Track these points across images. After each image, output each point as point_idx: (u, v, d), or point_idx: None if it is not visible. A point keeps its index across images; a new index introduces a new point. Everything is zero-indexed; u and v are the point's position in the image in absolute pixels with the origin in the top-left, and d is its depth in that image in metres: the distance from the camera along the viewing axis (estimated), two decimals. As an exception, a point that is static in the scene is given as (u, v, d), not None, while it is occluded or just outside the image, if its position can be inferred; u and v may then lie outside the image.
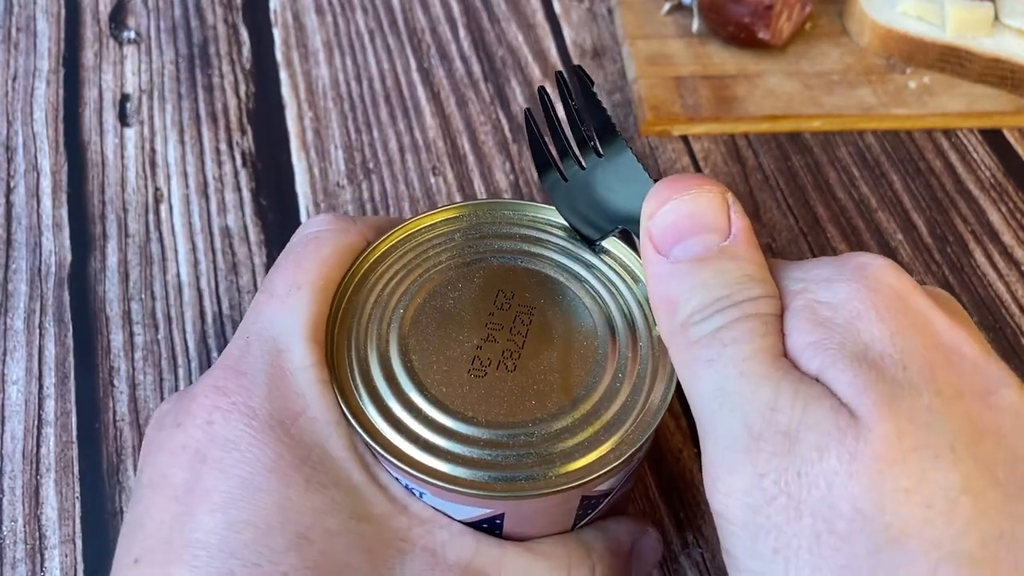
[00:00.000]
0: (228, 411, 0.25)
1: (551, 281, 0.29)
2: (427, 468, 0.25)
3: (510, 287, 0.29)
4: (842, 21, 0.53)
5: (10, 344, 0.39)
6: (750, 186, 0.46)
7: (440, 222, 0.30)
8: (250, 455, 0.25)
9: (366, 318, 0.28)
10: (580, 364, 0.27)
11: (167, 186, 0.45)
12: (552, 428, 0.26)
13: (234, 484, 0.24)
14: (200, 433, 0.25)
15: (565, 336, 0.27)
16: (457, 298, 0.28)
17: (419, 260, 0.29)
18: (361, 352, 0.27)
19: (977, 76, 0.50)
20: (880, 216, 0.46)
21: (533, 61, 0.51)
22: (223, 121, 0.47)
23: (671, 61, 0.50)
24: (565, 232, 0.30)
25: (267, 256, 0.43)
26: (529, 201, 0.31)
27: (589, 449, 0.25)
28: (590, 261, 0.29)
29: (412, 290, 0.28)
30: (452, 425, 0.26)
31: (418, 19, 0.53)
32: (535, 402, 0.26)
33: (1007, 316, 0.42)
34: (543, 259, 0.29)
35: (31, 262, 0.41)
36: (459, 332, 0.27)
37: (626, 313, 0.28)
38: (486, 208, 0.31)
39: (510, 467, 0.25)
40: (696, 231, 0.25)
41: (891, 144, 0.49)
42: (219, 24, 0.51)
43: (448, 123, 0.48)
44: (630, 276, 0.29)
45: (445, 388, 0.26)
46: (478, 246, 0.30)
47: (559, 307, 0.28)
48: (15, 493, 0.35)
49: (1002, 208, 0.46)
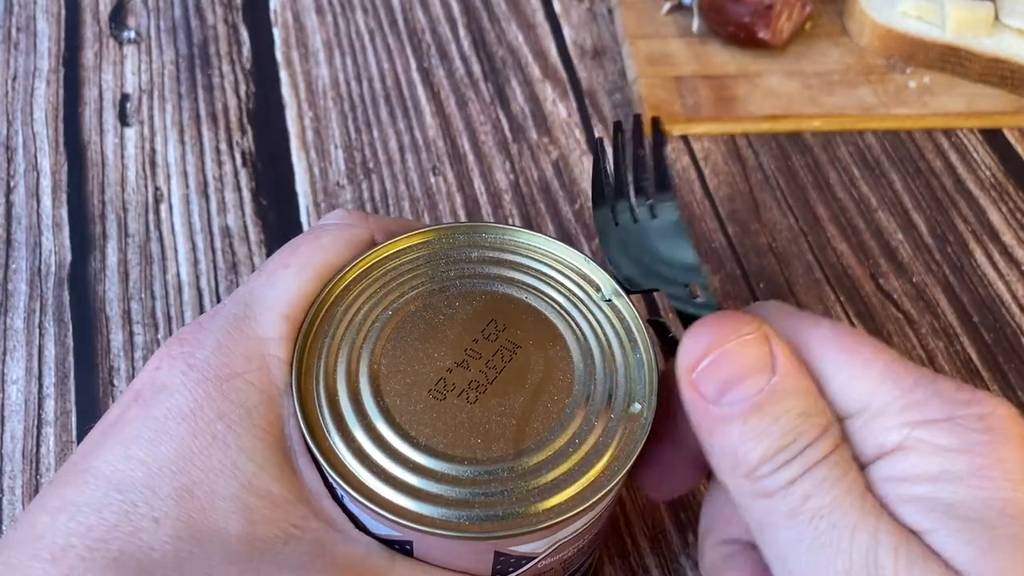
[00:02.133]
0: (174, 359, 0.26)
1: (547, 324, 0.27)
2: (349, 476, 0.24)
3: (504, 319, 0.27)
4: (842, 21, 0.53)
5: (10, 344, 0.39)
6: (750, 186, 0.46)
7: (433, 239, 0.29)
8: (173, 401, 0.25)
9: (347, 321, 0.27)
10: (542, 417, 0.25)
11: (167, 186, 0.45)
12: (486, 473, 0.24)
13: (147, 424, 0.25)
14: (146, 376, 0.26)
15: (539, 384, 0.26)
16: (449, 315, 0.27)
17: (419, 270, 0.28)
18: (333, 349, 0.26)
19: (977, 76, 0.50)
20: (880, 216, 0.46)
21: (533, 61, 0.51)
22: (223, 121, 0.47)
23: (671, 61, 0.50)
24: (580, 276, 0.29)
25: (267, 256, 0.42)
26: (554, 239, 0.29)
27: (511, 506, 0.24)
28: (594, 313, 0.28)
29: (405, 298, 0.28)
30: (391, 439, 0.25)
31: (418, 19, 0.53)
32: (480, 441, 0.25)
33: (1007, 316, 0.42)
34: (548, 299, 0.28)
35: (31, 262, 0.41)
36: (437, 349, 0.27)
37: (610, 379, 0.26)
38: (499, 231, 0.29)
39: (429, 499, 0.24)
40: (743, 378, 0.23)
41: (891, 144, 0.49)
42: (219, 24, 0.51)
43: (448, 123, 0.48)
44: (629, 340, 0.27)
45: (399, 400, 0.25)
46: (487, 269, 0.29)
47: (544, 353, 0.27)
48: (15, 493, 0.35)
49: (1002, 208, 0.46)
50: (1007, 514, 0.21)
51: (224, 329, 0.26)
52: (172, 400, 0.25)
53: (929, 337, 0.42)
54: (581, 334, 0.27)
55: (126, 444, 0.24)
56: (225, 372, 0.25)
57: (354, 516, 0.26)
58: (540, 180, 0.46)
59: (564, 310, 0.28)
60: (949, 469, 0.22)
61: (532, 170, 0.46)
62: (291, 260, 0.28)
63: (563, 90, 0.50)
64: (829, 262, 0.44)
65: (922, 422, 0.22)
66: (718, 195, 0.46)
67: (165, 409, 0.25)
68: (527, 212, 0.45)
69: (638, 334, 0.27)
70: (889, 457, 0.23)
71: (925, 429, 0.22)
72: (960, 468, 0.22)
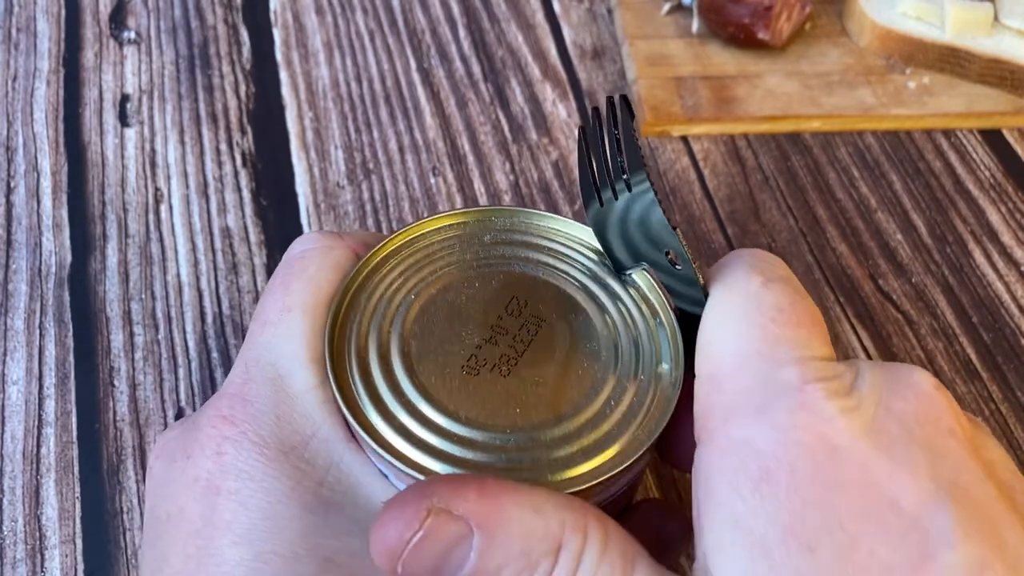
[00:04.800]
0: (238, 440, 0.25)
1: (568, 298, 0.28)
2: (398, 454, 0.25)
3: (525, 295, 0.28)
4: (842, 21, 0.53)
5: (10, 344, 0.39)
6: (750, 186, 0.46)
7: (450, 224, 0.30)
8: (266, 484, 0.25)
9: (372, 307, 0.28)
10: (575, 384, 0.26)
11: (167, 186, 0.45)
12: (529, 440, 0.25)
13: (255, 515, 0.24)
14: (211, 464, 0.25)
15: (568, 353, 0.27)
16: (471, 295, 0.28)
17: (436, 256, 0.29)
18: (362, 337, 0.27)
19: (977, 76, 0.50)
20: (880, 216, 0.46)
21: (533, 61, 0.51)
22: (223, 121, 0.47)
23: (671, 61, 0.50)
24: (595, 253, 0.29)
25: (267, 256, 0.43)
26: (567, 219, 0.30)
27: (558, 469, 0.25)
28: (612, 287, 0.29)
29: (426, 282, 0.28)
30: (434, 417, 0.25)
31: (418, 19, 0.53)
32: (519, 410, 0.26)
33: (1007, 316, 0.42)
34: (566, 275, 0.29)
35: (31, 262, 0.42)
36: (464, 328, 0.27)
37: (635, 342, 0.27)
38: (509, 214, 0.30)
39: (477, 468, 0.25)
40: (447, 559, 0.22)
41: (891, 144, 0.49)
42: (219, 24, 0.51)
43: (448, 123, 0.48)
44: (649, 309, 0.28)
45: (435, 379, 0.26)
46: (502, 251, 0.29)
47: (569, 324, 0.28)
48: (15, 493, 0.36)
49: (1001, 208, 0.46)
50: None
51: (271, 398, 0.26)
52: (266, 484, 0.25)
53: (928, 338, 0.42)
54: (602, 304, 0.28)
55: (247, 541, 0.24)
56: (298, 440, 0.25)
57: None
58: (540, 180, 0.46)
59: (582, 284, 0.29)
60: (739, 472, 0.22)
61: (532, 171, 0.46)
62: (289, 301, 0.27)
63: (563, 90, 0.50)
64: (828, 263, 0.44)
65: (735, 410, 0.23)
66: (717, 196, 0.46)
67: (264, 495, 0.24)
68: (527, 212, 0.45)
69: (658, 303, 0.28)
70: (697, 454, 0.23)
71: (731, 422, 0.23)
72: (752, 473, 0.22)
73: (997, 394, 0.40)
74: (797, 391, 0.22)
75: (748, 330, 0.24)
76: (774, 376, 0.23)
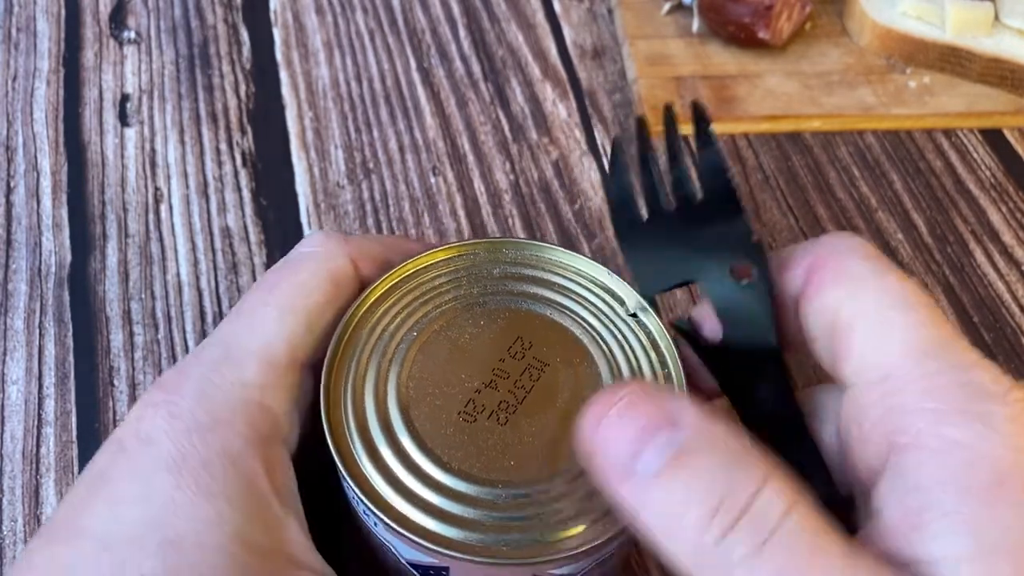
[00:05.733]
0: (156, 407, 0.26)
1: (574, 341, 0.27)
2: (383, 503, 0.24)
3: (530, 336, 0.27)
4: (842, 21, 0.53)
5: (10, 344, 0.39)
6: (750, 186, 0.46)
7: (457, 256, 0.29)
8: (157, 452, 0.25)
9: (372, 343, 0.27)
10: (574, 436, 0.25)
11: (167, 186, 0.45)
12: (522, 496, 0.24)
13: (134, 478, 0.25)
14: (129, 427, 0.26)
15: (569, 402, 0.26)
16: (474, 335, 0.27)
17: (442, 289, 0.28)
18: (359, 377, 0.26)
19: (977, 76, 0.50)
20: (880, 216, 0.46)
21: (533, 61, 0.51)
22: (223, 121, 0.47)
23: (671, 61, 0.50)
24: (606, 292, 0.28)
25: (267, 256, 0.43)
26: (576, 253, 0.29)
27: (549, 530, 0.24)
28: (621, 331, 0.28)
29: (430, 317, 0.27)
30: (424, 465, 0.25)
31: (418, 19, 0.53)
32: (513, 463, 0.25)
33: (1007, 316, 0.42)
34: (574, 315, 0.28)
35: (31, 262, 0.41)
36: (464, 370, 0.26)
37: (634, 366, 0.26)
38: (520, 247, 0.29)
39: (465, 525, 0.24)
40: (645, 441, 0.21)
41: (891, 144, 0.49)
42: (219, 24, 0.51)
43: (448, 123, 0.48)
44: (658, 358, 0.27)
45: (429, 424, 0.25)
46: (510, 286, 0.28)
47: (573, 370, 0.27)
48: (15, 493, 0.35)
49: (1002, 208, 0.46)
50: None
51: (206, 376, 0.26)
52: (157, 452, 0.25)
53: (929, 337, 0.42)
54: (608, 350, 0.27)
55: (114, 501, 0.24)
56: (208, 421, 0.25)
57: (387, 545, 0.26)
58: (540, 180, 0.46)
59: (590, 326, 0.27)
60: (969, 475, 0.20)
61: (532, 170, 0.46)
62: (271, 299, 0.27)
63: (563, 90, 0.50)
64: (829, 262, 0.44)
65: (941, 412, 0.21)
66: (718, 195, 0.46)
67: (151, 461, 0.25)
68: (527, 212, 0.45)
69: (667, 351, 0.27)
70: (898, 456, 0.22)
71: (942, 422, 0.21)
72: (983, 477, 0.20)
73: (998, 394, 0.40)
74: (1001, 397, 0.21)
75: (914, 329, 0.23)
76: (967, 379, 0.22)
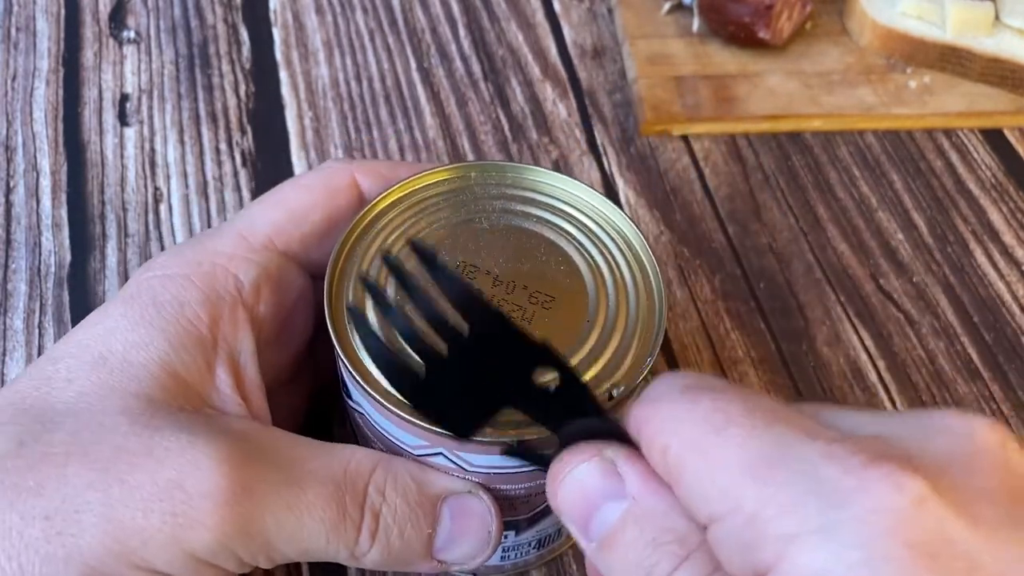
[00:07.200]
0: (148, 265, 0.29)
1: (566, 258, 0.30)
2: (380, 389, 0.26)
3: (524, 253, 0.30)
4: (842, 21, 0.53)
5: (10, 344, 0.39)
6: (750, 186, 0.46)
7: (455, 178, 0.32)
8: (123, 291, 0.28)
9: (374, 246, 0.29)
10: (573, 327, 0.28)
11: (167, 186, 0.45)
12: None
13: (98, 311, 0.28)
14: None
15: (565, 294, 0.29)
16: (476, 246, 0.30)
17: (442, 207, 0.31)
18: (361, 271, 0.29)
19: (977, 76, 0.50)
20: (880, 216, 0.46)
21: (533, 61, 0.51)
22: (223, 121, 0.47)
23: (671, 61, 0.50)
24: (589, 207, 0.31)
25: (267, 256, 0.42)
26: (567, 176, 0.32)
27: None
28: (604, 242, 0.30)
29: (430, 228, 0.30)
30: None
31: (418, 19, 0.53)
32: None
33: (1007, 316, 0.42)
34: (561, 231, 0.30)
35: (31, 262, 0.41)
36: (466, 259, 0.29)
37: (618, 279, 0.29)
38: (503, 169, 0.32)
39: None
40: (593, 508, 0.22)
41: (891, 144, 0.49)
42: (219, 24, 0.51)
43: (448, 123, 0.48)
44: (638, 265, 0.30)
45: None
46: (509, 205, 0.31)
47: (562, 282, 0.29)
48: (15, 493, 0.35)
49: (1003, 208, 0.46)
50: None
51: (190, 243, 0.29)
52: (124, 291, 0.28)
53: (929, 337, 0.42)
54: (594, 263, 0.30)
55: (78, 328, 0.28)
56: (172, 271, 0.28)
57: (381, 431, 0.28)
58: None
59: (577, 241, 0.30)
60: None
61: (532, 170, 0.46)
62: (267, 196, 0.30)
63: (563, 90, 0.50)
64: (829, 262, 0.44)
65: (797, 538, 0.18)
66: (718, 195, 0.46)
67: (116, 298, 0.28)
68: (527, 212, 0.45)
69: (632, 238, 0.30)
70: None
71: (802, 550, 0.18)
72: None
73: (998, 394, 0.40)
74: (855, 491, 0.18)
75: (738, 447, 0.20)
76: (816, 481, 0.18)
